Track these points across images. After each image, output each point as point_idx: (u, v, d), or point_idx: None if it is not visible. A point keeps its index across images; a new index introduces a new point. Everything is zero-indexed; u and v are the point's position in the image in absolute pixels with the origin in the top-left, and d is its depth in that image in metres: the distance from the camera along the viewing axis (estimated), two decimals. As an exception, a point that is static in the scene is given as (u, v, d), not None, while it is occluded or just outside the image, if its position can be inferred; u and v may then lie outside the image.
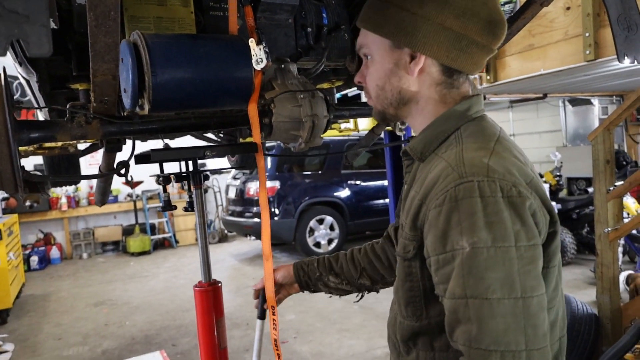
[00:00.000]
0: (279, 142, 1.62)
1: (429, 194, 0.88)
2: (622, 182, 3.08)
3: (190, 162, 1.49)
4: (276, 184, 7.68)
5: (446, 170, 0.87)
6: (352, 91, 4.07)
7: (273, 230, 7.85)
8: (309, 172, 8.17)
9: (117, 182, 9.66)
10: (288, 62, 1.62)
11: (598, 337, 3.27)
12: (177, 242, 10.22)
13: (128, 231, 9.91)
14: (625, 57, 1.31)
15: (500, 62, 4.50)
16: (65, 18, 1.55)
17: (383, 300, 5.52)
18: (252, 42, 1.45)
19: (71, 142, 1.31)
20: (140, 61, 1.30)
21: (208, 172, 1.52)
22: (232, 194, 8.44)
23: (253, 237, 8.17)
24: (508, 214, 0.80)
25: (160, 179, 1.39)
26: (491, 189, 0.81)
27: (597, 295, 3.50)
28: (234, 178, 8.54)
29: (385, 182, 8.35)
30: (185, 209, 1.53)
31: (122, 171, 1.38)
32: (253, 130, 1.38)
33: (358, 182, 8.27)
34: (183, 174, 1.45)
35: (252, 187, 7.84)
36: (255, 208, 7.78)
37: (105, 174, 1.44)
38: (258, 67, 1.44)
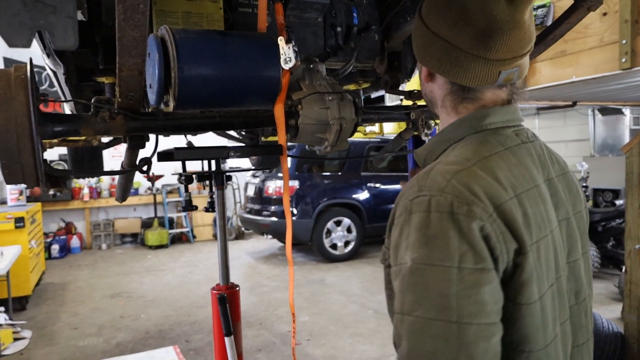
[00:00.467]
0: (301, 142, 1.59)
1: (398, 204, 0.88)
2: (656, 198, 2.96)
3: (213, 162, 1.45)
4: (295, 183, 7.65)
5: (412, 183, 0.86)
6: (377, 93, 4.00)
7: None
8: (328, 173, 8.13)
9: (138, 175, 9.73)
10: (317, 62, 1.57)
11: (624, 358, 3.15)
12: (194, 237, 10.27)
13: (147, 224, 10.00)
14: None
15: (531, 68, 4.38)
16: (94, 10, 1.53)
17: (399, 306, 5.45)
18: (281, 41, 1.41)
19: (94, 137, 1.28)
20: (167, 57, 1.27)
21: (231, 173, 1.48)
22: (250, 191, 8.44)
23: (270, 236, 8.15)
24: (455, 233, 0.76)
25: (182, 177, 1.36)
26: (440, 205, 0.78)
27: (623, 314, 3.38)
28: (254, 176, 8.54)
29: (405, 186, 8.28)
30: (206, 209, 1.50)
31: (144, 168, 1.35)
32: (279, 131, 1.35)
33: (377, 185, 8.19)
34: (205, 174, 1.42)
35: (271, 186, 7.82)
36: (273, 207, 7.76)
37: (127, 170, 1.42)
38: (286, 67, 1.40)
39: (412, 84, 2.82)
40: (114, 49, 1.08)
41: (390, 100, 5.94)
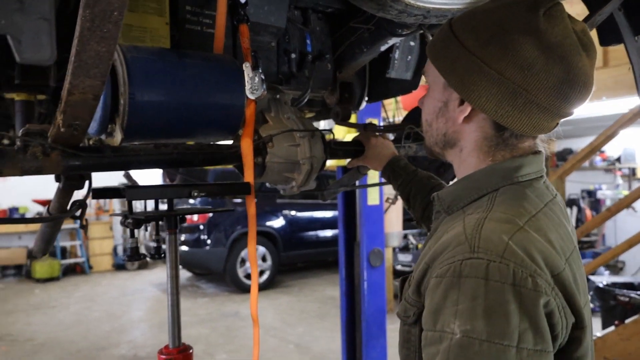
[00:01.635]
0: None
1: (436, 259, 0.77)
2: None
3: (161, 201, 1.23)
4: (230, 208, 7.27)
5: (459, 238, 0.75)
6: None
7: (202, 260, 7.41)
8: (242, 200, 7.86)
9: (27, 199, 8.74)
10: (283, 93, 1.42)
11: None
12: (90, 267, 9.36)
13: (72, 215, 8.88)
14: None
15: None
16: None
17: (320, 338, 5.31)
18: (247, 67, 1.25)
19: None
20: (116, 79, 1.05)
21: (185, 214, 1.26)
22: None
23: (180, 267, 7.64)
24: (516, 307, 0.67)
25: (129, 220, 1.12)
26: (501, 274, 0.68)
27: None
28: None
29: (321, 214, 8.25)
30: (151, 256, 1.26)
31: (78, 213, 1.10)
32: (246, 170, 1.17)
33: (293, 212, 8.07)
34: (156, 216, 1.19)
35: (182, 213, 7.37)
36: (183, 235, 7.30)
37: (56, 217, 1.14)
38: (252, 96, 1.23)
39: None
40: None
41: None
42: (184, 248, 7.21)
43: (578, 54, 0.78)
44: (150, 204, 1.44)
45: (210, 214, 7.28)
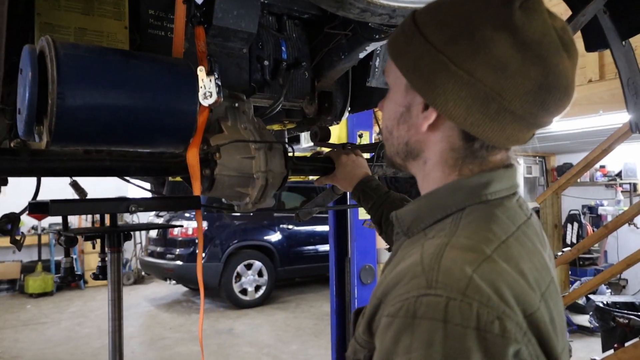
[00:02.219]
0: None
1: (389, 293, 0.65)
2: (569, 248, 3.03)
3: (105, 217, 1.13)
4: (204, 224, 7.17)
5: (415, 269, 0.63)
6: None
7: (196, 275, 7.26)
8: (239, 213, 7.75)
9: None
10: (244, 101, 1.32)
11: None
12: (85, 282, 9.24)
13: (28, 268, 8.79)
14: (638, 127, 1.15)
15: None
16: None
17: (314, 357, 5.15)
18: (201, 71, 1.15)
19: None
20: (45, 76, 0.96)
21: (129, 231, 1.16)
22: (153, 232, 7.79)
23: (173, 282, 7.51)
24: (479, 357, 0.56)
25: (62, 238, 1.02)
26: (463, 315, 0.57)
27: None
28: (157, 215, 7.91)
29: (320, 228, 8.13)
30: (95, 276, 1.15)
31: (9, 227, 1.00)
32: (193, 182, 1.07)
33: (290, 227, 7.94)
34: (95, 234, 1.08)
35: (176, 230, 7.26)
36: (178, 250, 7.18)
37: None
38: (205, 103, 1.13)
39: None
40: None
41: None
42: (179, 262, 7.09)
43: (558, 54, 0.67)
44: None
45: (206, 228, 7.17)
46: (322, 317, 6.70)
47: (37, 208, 1.01)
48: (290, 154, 1.38)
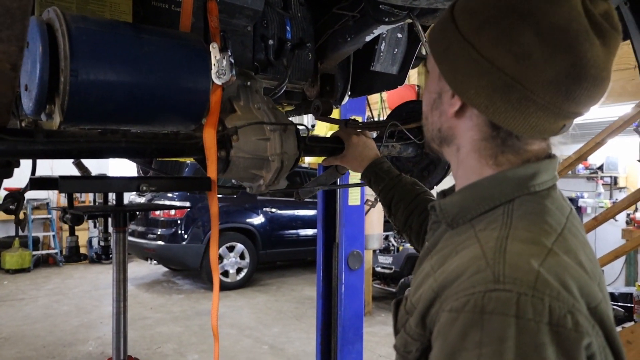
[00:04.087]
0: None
1: (448, 288, 0.64)
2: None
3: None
4: (186, 205, 7.08)
5: (478, 263, 0.62)
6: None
7: (178, 256, 7.21)
8: (221, 195, 7.66)
9: (-3, 187, 8.41)
10: (255, 80, 1.28)
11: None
12: (63, 259, 9.08)
13: (5, 244, 8.59)
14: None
15: None
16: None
17: (295, 340, 5.18)
18: (214, 48, 1.11)
19: None
20: (56, 52, 0.91)
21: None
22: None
23: (154, 262, 7.43)
24: (553, 351, 0.55)
25: (67, 216, 0.98)
26: (535, 310, 0.56)
27: None
28: (139, 195, 7.79)
29: (302, 212, 8.11)
30: (98, 257, 1.12)
31: (13, 207, 0.95)
32: (209, 164, 1.04)
33: (273, 210, 7.91)
34: (102, 212, 1.05)
35: (159, 207, 7.16)
36: (160, 230, 7.09)
37: None
38: (219, 81, 1.10)
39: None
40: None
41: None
42: (160, 243, 7.02)
43: (588, 41, 0.65)
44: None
45: (188, 209, 7.10)
46: (303, 301, 6.73)
47: (43, 184, 0.97)
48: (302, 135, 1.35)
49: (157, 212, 7.17)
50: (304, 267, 8.70)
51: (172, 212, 7.12)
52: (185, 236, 7.12)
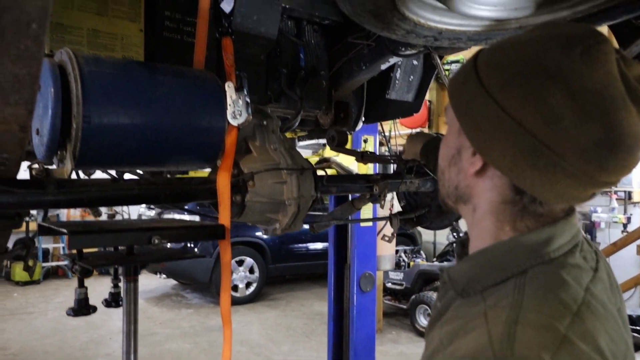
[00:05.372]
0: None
1: None
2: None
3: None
4: (196, 219, 7.07)
5: (485, 355, 0.56)
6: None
7: (187, 269, 7.18)
8: (232, 208, 7.64)
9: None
10: (272, 118, 1.25)
11: None
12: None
13: (15, 255, 8.63)
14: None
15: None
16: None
17: (305, 359, 5.10)
18: (229, 88, 1.08)
19: None
20: (69, 95, 0.88)
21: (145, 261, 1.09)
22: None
23: (164, 275, 7.42)
24: None
25: (76, 267, 0.94)
26: None
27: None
28: (149, 207, 7.78)
29: (312, 226, 8.06)
30: (107, 303, 1.08)
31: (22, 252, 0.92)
32: (221, 210, 1.00)
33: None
34: (110, 263, 1.01)
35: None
36: (169, 244, 7.06)
37: None
38: (234, 122, 1.06)
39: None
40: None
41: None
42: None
43: (624, 109, 0.60)
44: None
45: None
46: (313, 317, 6.66)
47: (52, 232, 0.94)
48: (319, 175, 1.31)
49: (167, 226, 7.15)
50: (313, 281, 8.63)
51: (182, 225, 7.10)
52: (195, 250, 7.09)
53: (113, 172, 1.11)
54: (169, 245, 5.88)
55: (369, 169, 3.45)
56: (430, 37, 1.02)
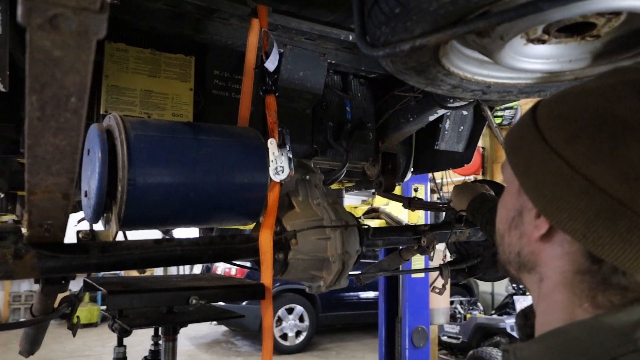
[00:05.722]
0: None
1: None
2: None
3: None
4: (246, 264, 7.10)
5: None
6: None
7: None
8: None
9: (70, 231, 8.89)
10: (314, 173, 1.23)
11: None
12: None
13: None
14: None
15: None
16: (21, 78, 1.16)
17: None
18: (272, 144, 1.08)
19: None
20: (115, 159, 0.90)
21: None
22: (196, 271, 7.80)
23: (214, 322, 7.43)
24: None
25: (116, 326, 0.94)
26: None
27: None
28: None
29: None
30: (146, 362, 1.07)
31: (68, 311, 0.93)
32: (263, 269, 0.98)
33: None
34: (151, 324, 1.00)
35: (220, 266, 7.24)
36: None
37: (41, 320, 0.99)
38: (277, 179, 1.05)
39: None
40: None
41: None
42: (220, 303, 7.02)
43: None
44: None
45: (249, 270, 7.10)
46: (365, 369, 6.41)
47: (95, 289, 0.95)
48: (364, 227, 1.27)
49: (219, 272, 7.22)
50: (365, 331, 8.36)
51: (233, 271, 7.15)
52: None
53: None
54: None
55: (420, 217, 3.36)
56: (478, 91, 0.98)
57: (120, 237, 1.24)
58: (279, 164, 1.05)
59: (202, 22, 1.38)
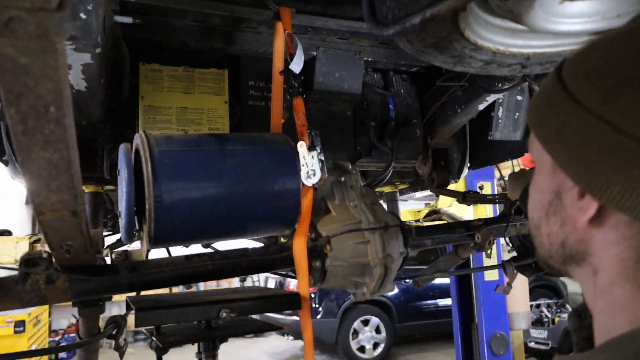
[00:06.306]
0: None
1: None
2: None
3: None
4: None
5: None
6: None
7: (313, 330, 7.13)
8: (353, 266, 7.55)
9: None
10: (350, 173, 1.17)
11: None
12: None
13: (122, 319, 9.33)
14: None
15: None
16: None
17: None
18: (301, 147, 1.03)
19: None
20: (141, 178, 0.90)
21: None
22: (270, 286, 7.90)
23: (291, 337, 7.46)
24: None
25: (153, 344, 0.93)
26: None
27: None
28: (274, 269, 8.03)
29: (439, 280, 7.63)
30: (193, 382, 1.04)
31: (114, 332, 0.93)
32: (299, 279, 0.93)
33: (407, 280, 7.54)
34: (189, 340, 0.98)
35: (293, 282, 7.27)
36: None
37: (86, 342, 1.00)
38: (309, 183, 1.00)
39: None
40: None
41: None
42: (295, 318, 7.04)
43: None
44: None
45: (321, 282, 7.09)
46: (448, 381, 6.14)
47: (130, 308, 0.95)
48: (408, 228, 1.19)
49: (292, 287, 7.26)
50: (446, 340, 8.03)
51: (305, 286, 7.17)
52: (320, 309, 7.07)
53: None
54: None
55: (488, 215, 3.17)
56: (516, 65, 0.87)
57: (165, 254, 1.25)
58: (310, 168, 1.00)
59: (231, 34, 1.38)
